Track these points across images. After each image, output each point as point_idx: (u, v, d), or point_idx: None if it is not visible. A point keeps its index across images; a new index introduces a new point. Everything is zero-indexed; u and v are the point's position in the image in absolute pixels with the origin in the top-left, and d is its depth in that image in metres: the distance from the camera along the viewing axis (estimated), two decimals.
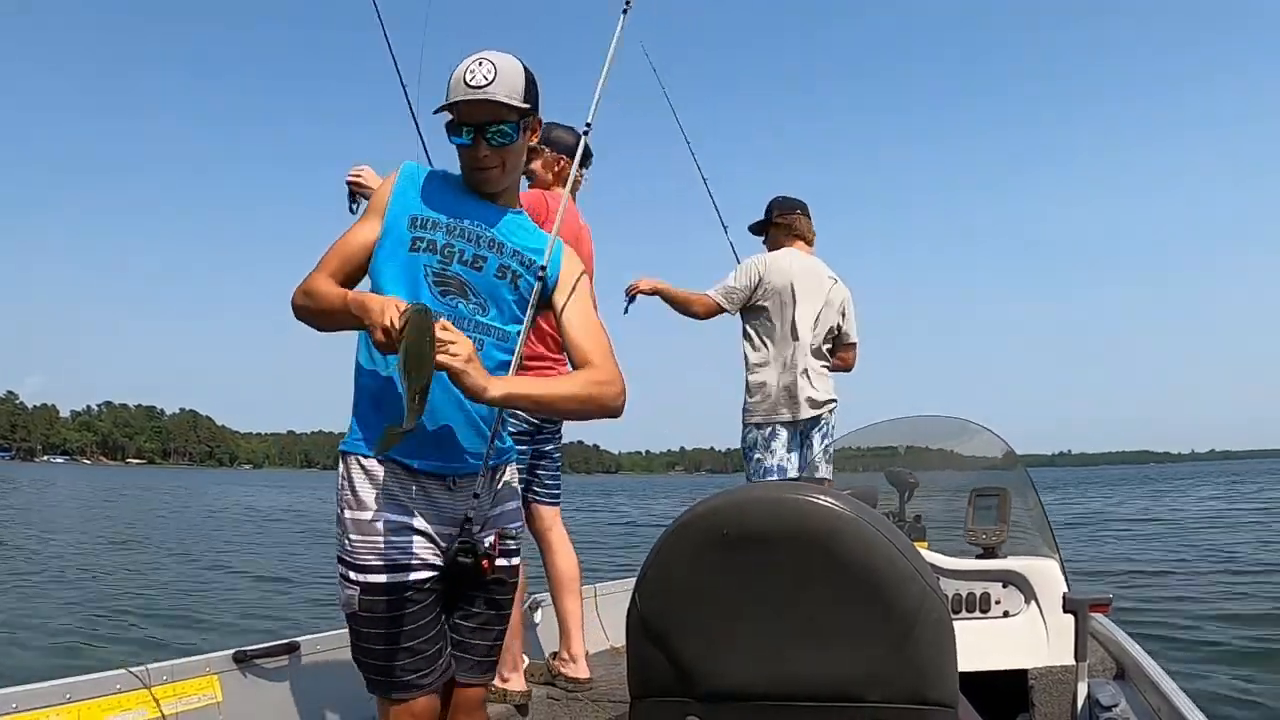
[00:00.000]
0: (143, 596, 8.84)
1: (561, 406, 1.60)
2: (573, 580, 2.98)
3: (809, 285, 3.60)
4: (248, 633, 6.69)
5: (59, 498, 32.06)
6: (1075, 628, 2.27)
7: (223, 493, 42.08)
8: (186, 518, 22.81)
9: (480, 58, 1.61)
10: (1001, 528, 2.68)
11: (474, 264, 1.62)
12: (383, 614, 1.54)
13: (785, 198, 3.81)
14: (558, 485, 3.03)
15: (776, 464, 3.55)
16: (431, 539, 1.58)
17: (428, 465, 1.58)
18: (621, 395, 1.63)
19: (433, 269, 1.60)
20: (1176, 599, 7.58)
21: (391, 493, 1.57)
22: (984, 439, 3.38)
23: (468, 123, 1.60)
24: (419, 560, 1.56)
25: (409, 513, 1.57)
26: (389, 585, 1.54)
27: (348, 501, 1.59)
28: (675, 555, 1.20)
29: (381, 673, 1.56)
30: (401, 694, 1.55)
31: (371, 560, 1.55)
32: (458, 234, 1.62)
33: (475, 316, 1.61)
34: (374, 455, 1.58)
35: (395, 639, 1.54)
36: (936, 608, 1.12)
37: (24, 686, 1.92)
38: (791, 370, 3.54)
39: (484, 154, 1.62)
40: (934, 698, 1.12)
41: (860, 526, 1.12)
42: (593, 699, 2.83)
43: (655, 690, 1.22)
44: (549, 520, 2.99)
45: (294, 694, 2.40)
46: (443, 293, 1.60)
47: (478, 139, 1.61)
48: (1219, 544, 12.22)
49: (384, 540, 1.55)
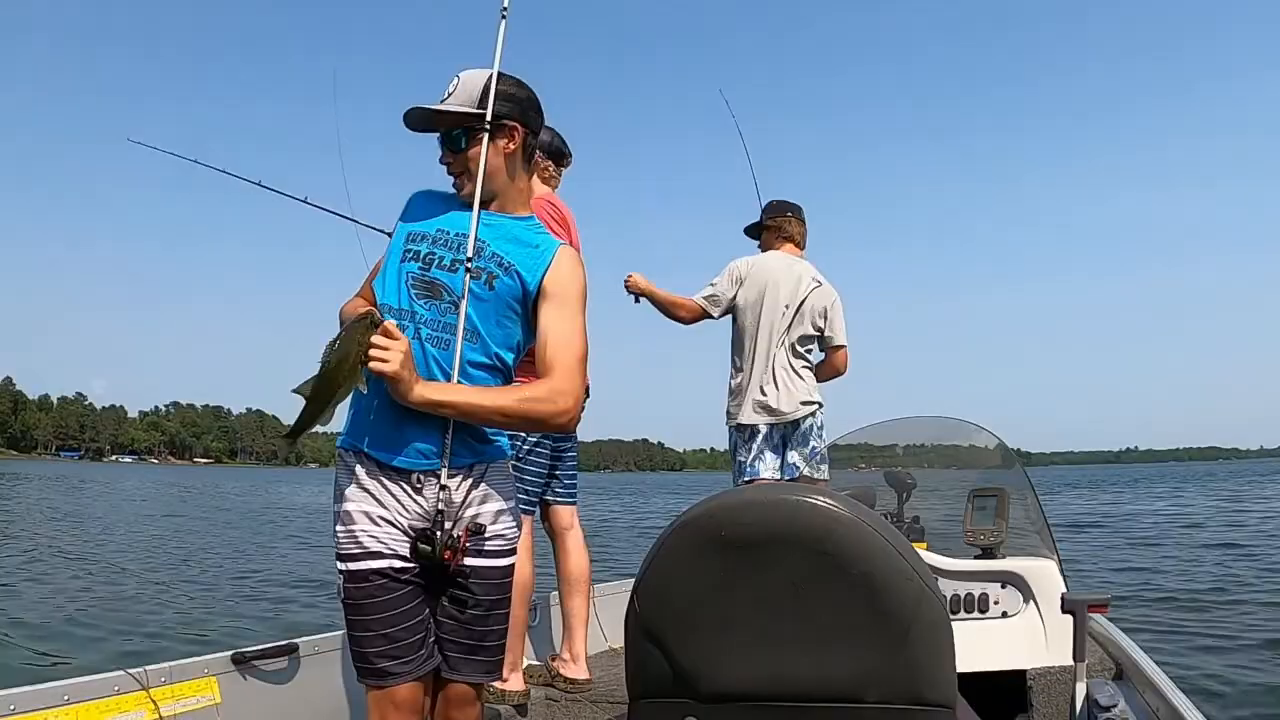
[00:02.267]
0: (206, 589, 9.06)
1: (488, 418, 1.64)
2: (581, 581, 2.99)
3: (787, 288, 3.61)
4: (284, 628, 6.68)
5: (126, 496, 32.35)
6: (1074, 628, 2.28)
7: (290, 491, 42.02)
8: (243, 515, 22.97)
9: (456, 75, 1.77)
10: (1000, 528, 2.69)
11: (451, 267, 1.70)
12: (361, 600, 1.62)
13: (779, 201, 3.84)
14: (575, 485, 3.08)
15: (756, 466, 3.57)
16: (404, 531, 1.65)
17: (397, 460, 1.66)
18: (566, 413, 1.66)
19: (413, 275, 1.71)
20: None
21: (367, 486, 1.67)
22: (982, 439, 3.39)
23: (439, 133, 1.77)
24: (390, 550, 1.63)
25: (382, 505, 1.66)
26: (365, 573, 1.63)
27: (337, 494, 1.70)
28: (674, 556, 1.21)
29: (362, 659, 1.64)
30: (379, 680, 1.62)
31: (350, 549, 1.64)
32: (440, 242, 1.73)
33: (445, 317, 1.68)
34: (351, 450, 1.70)
35: (372, 625, 1.62)
36: (935, 608, 1.13)
37: (22, 688, 1.92)
38: (763, 372, 3.56)
39: (446, 160, 1.77)
40: (932, 698, 1.12)
41: (858, 527, 1.12)
42: (591, 700, 2.83)
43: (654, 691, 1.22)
44: (567, 520, 3.02)
45: (293, 696, 2.40)
46: (417, 296, 1.69)
47: (443, 147, 1.77)
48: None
49: (360, 529, 1.64)
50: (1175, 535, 14.13)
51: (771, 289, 3.59)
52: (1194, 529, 15.14)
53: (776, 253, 3.73)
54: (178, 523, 19.22)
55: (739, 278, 3.64)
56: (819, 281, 3.69)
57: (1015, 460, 3.38)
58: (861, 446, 3.79)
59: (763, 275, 3.63)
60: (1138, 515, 19.21)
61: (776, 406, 3.53)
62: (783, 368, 3.57)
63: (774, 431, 3.58)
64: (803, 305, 3.61)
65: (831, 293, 3.71)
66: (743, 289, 3.63)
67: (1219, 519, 17.20)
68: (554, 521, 3.01)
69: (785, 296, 3.59)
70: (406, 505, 1.66)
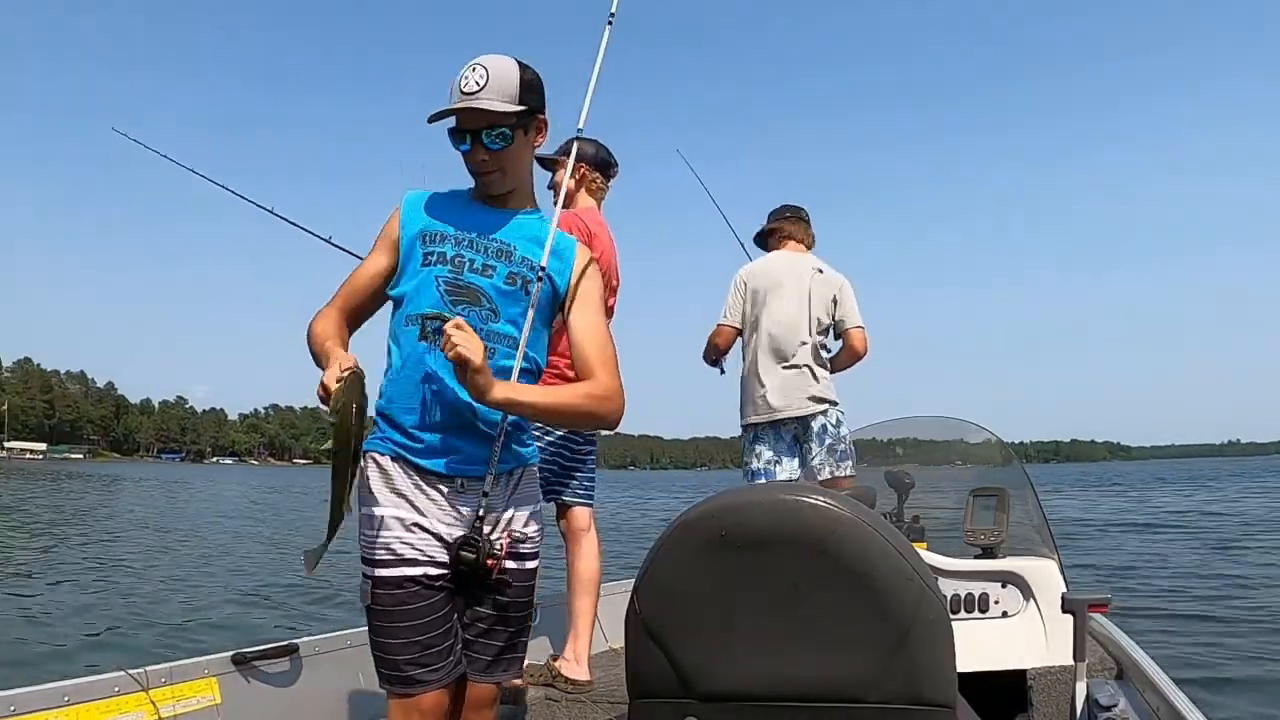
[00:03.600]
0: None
1: (560, 416, 1.69)
2: (592, 583, 2.98)
3: (790, 285, 3.62)
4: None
5: (227, 495, 32.77)
6: (1074, 628, 2.28)
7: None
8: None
9: (475, 63, 1.67)
10: (1000, 528, 2.69)
11: (484, 272, 1.67)
12: (392, 607, 1.59)
13: (781, 205, 3.88)
14: (593, 486, 3.08)
15: (761, 467, 3.58)
16: (440, 538, 1.62)
17: (437, 466, 1.63)
18: (619, 410, 1.70)
19: (445, 279, 1.66)
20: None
21: (402, 491, 1.63)
22: (982, 439, 3.39)
23: (465, 129, 1.67)
24: (425, 556, 1.60)
25: (419, 511, 1.62)
26: (398, 579, 1.59)
27: (364, 499, 1.65)
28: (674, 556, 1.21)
29: (390, 666, 1.60)
30: (408, 688, 1.58)
31: (382, 555, 1.60)
32: (466, 244, 1.69)
33: (486, 325, 1.65)
34: (388, 454, 1.65)
35: (404, 633, 1.58)
36: (935, 608, 1.13)
37: (22, 689, 1.91)
38: (765, 372, 3.57)
39: (482, 158, 1.68)
40: (932, 698, 1.12)
41: (858, 527, 1.12)
42: (592, 699, 2.82)
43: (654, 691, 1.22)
44: (584, 522, 3.02)
45: (294, 696, 2.40)
46: (454, 301, 1.65)
47: (475, 144, 1.67)
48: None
49: (394, 535, 1.61)
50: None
51: (775, 289, 3.62)
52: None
53: (779, 252, 3.77)
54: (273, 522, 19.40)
55: (744, 284, 3.70)
56: (821, 270, 3.70)
57: (1015, 459, 3.39)
58: (861, 446, 3.79)
59: (765, 276, 3.66)
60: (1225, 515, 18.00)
61: (780, 406, 3.54)
62: (789, 366, 3.57)
63: (784, 431, 3.58)
64: (810, 297, 3.62)
65: (838, 278, 3.72)
66: (749, 293, 3.67)
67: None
68: (571, 522, 3.00)
69: (788, 294, 3.61)
70: (445, 511, 1.63)
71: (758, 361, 3.60)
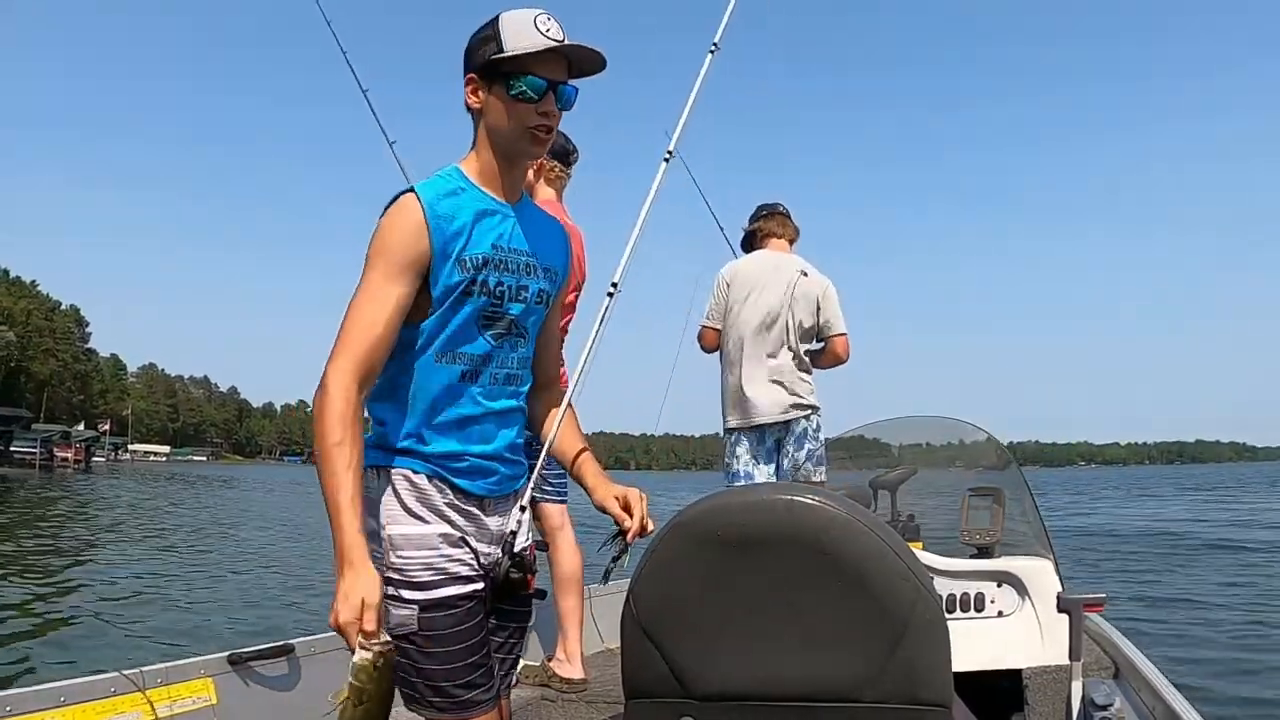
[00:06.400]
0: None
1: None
2: (574, 580, 2.98)
3: (772, 286, 3.56)
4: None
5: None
6: (1069, 627, 2.28)
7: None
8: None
9: (539, 11, 1.46)
10: (996, 528, 2.69)
11: (518, 296, 1.53)
12: (447, 629, 1.47)
13: (759, 205, 3.83)
14: (565, 481, 3.04)
15: (740, 470, 3.54)
16: (476, 555, 1.54)
17: (474, 487, 1.54)
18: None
19: (484, 312, 1.50)
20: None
21: (440, 508, 1.51)
22: (978, 438, 3.39)
23: (545, 76, 1.45)
24: (472, 572, 1.52)
25: (458, 528, 1.52)
26: (451, 599, 1.48)
27: (394, 517, 1.49)
28: (669, 556, 1.20)
29: (440, 694, 1.47)
30: (464, 713, 1.47)
31: (428, 576, 1.47)
32: (502, 267, 1.51)
33: (516, 351, 1.57)
34: (424, 474, 1.50)
35: (458, 655, 1.47)
36: (930, 608, 1.13)
37: (18, 690, 1.91)
38: (747, 376, 3.52)
39: (545, 111, 1.46)
40: (928, 698, 1.12)
41: (854, 527, 1.12)
42: (587, 700, 2.82)
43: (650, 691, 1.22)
44: (558, 520, 3.00)
45: (290, 697, 2.39)
46: (496, 337, 1.51)
47: (548, 96, 1.46)
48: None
49: (438, 554, 1.49)
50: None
51: (756, 290, 3.55)
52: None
53: (761, 251, 3.70)
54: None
55: (725, 284, 3.63)
56: (806, 272, 3.63)
57: (1011, 459, 3.39)
58: (857, 445, 3.79)
59: (746, 277, 3.60)
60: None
61: (761, 410, 3.49)
62: (770, 369, 3.52)
63: (765, 435, 3.55)
64: (792, 301, 3.56)
65: (822, 281, 3.66)
66: (731, 293, 3.60)
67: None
68: (545, 521, 2.98)
69: (770, 295, 3.55)
70: (482, 528, 1.55)
71: (740, 364, 3.54)
